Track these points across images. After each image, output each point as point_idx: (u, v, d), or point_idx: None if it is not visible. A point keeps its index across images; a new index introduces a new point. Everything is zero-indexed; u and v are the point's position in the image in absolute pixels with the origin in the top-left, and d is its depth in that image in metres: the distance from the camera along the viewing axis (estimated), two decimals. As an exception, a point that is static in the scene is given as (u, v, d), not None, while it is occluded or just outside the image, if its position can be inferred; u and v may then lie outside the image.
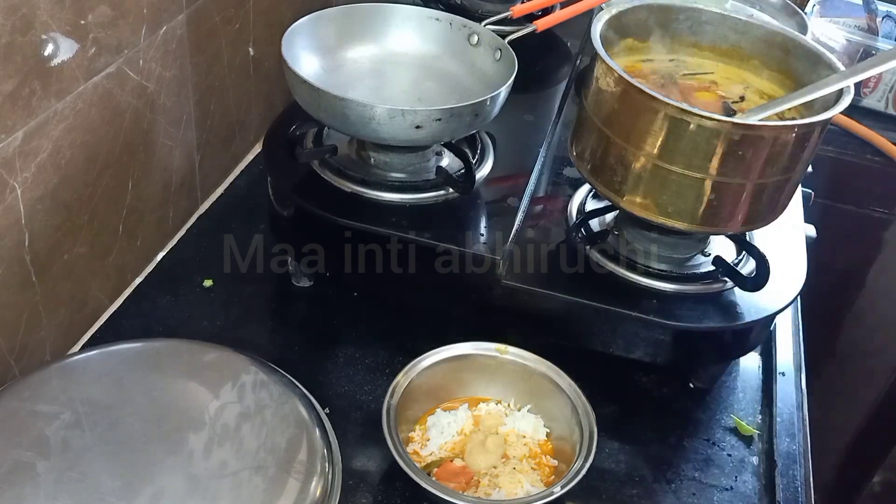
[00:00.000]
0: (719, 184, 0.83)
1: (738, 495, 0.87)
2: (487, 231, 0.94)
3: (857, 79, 0.81)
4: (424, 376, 0.86)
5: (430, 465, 0.82)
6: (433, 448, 0.84)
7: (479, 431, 0.85)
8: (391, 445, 0.78)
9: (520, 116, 1.13)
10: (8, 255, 0.80)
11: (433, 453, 0.84)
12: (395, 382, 0.83)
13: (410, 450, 0.84)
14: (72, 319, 0.93)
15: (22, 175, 0.79)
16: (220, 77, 1.11)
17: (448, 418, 0.86)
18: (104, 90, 0.87)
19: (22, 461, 0.71)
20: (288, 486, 0.73)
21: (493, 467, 0.82)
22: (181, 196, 1.09)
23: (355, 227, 0.91)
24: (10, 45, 0.73)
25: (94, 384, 0.79)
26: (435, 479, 0.79)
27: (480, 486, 0.81)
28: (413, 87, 1.05)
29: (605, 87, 0.86)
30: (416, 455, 0.84)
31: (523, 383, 0.88)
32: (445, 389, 0.88)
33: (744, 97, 0.94)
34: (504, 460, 0.83)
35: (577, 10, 1.10)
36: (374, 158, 0.98)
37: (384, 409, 0.80)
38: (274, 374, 0.83)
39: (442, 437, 0.85)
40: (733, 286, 0.92)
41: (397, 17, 1.06)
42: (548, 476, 0.83)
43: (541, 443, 0.86)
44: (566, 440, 0.84)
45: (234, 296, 1.02)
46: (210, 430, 0.76)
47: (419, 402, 0.87)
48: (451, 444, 0.84)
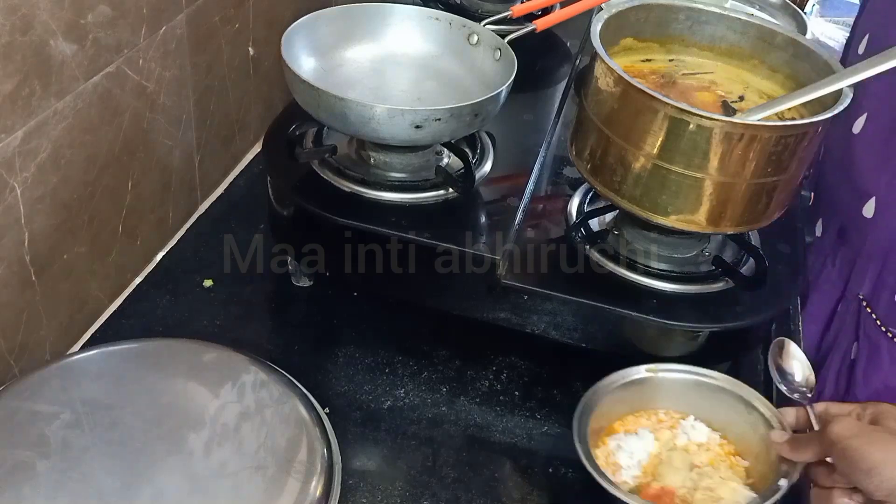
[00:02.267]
0: (719, 183, 0.83)
1: (737, 495, 0.87)
2: (487, 231, 0.94)
3: (857, 79, 0.81)
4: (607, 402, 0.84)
5: (631, 491, 0.79)
6: (631, 472, 0.81)
7: (661, 449, 0.83)
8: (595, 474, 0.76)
9: (520, 116, 1.13)
10: (8, 255, 0.80)
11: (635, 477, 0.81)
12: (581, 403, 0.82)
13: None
14: (72, 319, 0.93)
15: (22, 175, 0.79)
16: (220, 77, 1.11)
17: (633, 441, 0.83)
18: (104, 90, 0.87)
19: (22, 461, 0.71)
20: (288, 486, 0.73)
21: (692, 482, 0.80)
22: (181, 196, 1.10)
23: (355, 227, 0.91)
24: (10, 45, 0.73)
25: (94, 384, 0.79)
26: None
27: (696, 502, 0.78)
28: (413, 87, 1.05)
29: (604, 87, 0.86)
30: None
31: (681, 397, 0.87)
32: (613, 416, 0.86)
33: (743, 97, 0.94)
34: (697, 471, 0.81)
35: (577, 10, 1.10)
36: (373, 158, 0.98)
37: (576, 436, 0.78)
38: (274, 374, 0.83)
39: (633, 460, 0.82)
40: (733, 286, 0.92)
41: (397, 17, 1.06)
42: (746, 477, 0.81)
43: (721, 444, 0.84)
44: (741, 437, 0.83)
45: (234, 296, 1.02)
46: (210, 430, 0.76)
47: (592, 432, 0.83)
48: (645, 465, 0.82)
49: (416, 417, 0.90)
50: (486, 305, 0.93)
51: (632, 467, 0.82)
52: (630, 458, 0.82)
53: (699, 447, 0.84)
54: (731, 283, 0.92)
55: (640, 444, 0.83)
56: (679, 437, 0.85)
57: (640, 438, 0.84)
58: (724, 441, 0.85)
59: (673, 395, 0.87)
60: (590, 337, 0.92)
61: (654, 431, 0.85)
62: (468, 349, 0.98)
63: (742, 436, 0.84)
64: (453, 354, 0.98)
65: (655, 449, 0.83)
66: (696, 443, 0.84)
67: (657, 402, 0.87)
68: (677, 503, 0.79)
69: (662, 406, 0.87)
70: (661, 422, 0.87)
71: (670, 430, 0.86)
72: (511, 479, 0.86)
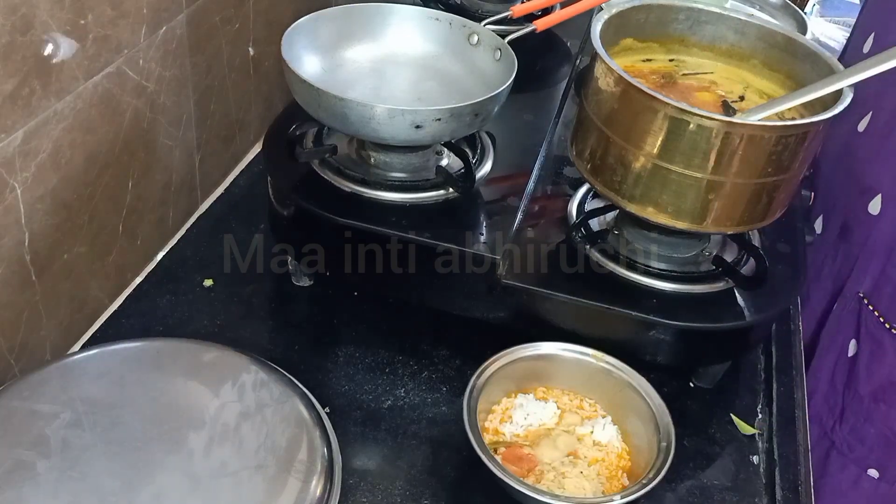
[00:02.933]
0: (719, 183, 0.83)
1: (738, 495, 0.87)
2: (487, 231, 0.94)
3: (857, 79, 0.81)
4: (518, 364, 0.86)
5: (498, 443, 0.83)
6: (514, 429, 0.84)
7: (558, 426, 0.85)
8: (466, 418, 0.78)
9: (520, 116, 1.13)
10: (8, 255, 0.80)
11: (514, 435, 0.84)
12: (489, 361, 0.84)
13: (486, 424, 0.84)
14: (72, 319, 0.93)
15: (22, 175, 0.79)
16: (220, 77, 1.11)
17: (536, 406, 0.86)
18: (104, 90, 0.87)
19: (22, 461, 0.71)
20: (288, 486, 0.73)
21: (560, 464, 0.81)
22: (181, 196, 1.10)
23: (355, 227, 0.91)
24: (9, 44, 0.73)
25: (94, 383, 0.79)
26: (497, 458, 0.79)
27: (544, 479, 0.80)
28: (413, 87, 1.05)
29: (604, 87, 0.86)
30: (487, 431, 0.84)
31: (613, 393, 0.87)
32: (540, 379, 0.89)
33: (743, 97, 0.94)
34: (573, 461, 0.82)
35: (577, 10, 1.10)
36: (373, 158, 0.98)
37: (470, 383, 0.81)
38: (274, 374, 0.83)
39: (525, 421, 0.85)
40: (733, 286, 0.92)
41: (397, 17, 1.06)
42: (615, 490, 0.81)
43: (619, 455, 0.84)
44: (642, 461, 0.83)
45: (234, 295, 1.02)
46: (210, 430, 0.76)
47: (506, 384, 0.87)
48: (531, 431, 0.85)
49: (417, 417, 0.90)
50: (486, 305, 0.93)
51: (518, 426, 0.85)
52: (523, 418, 0.85)
53: (595, 444, 0.85)
54: (731, 283, 0.92)
55: (539, 411, 0.86)
56: (585, 426, 0.86)
57: (544, 407, 0.86)
58: (625, 455, 0.85)
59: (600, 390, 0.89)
60: (589, 337, 0.92)
61: (565, 411, 0.87)
62: (468, 349, 0.98)
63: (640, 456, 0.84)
64: (453, 354, 0.98)
65: (552, 423, 0.85)
66: (596, 440, 0.85)
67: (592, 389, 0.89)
68: (532, 474, 0.81)
69: (595, 395, 0.89)
70: (580, 408, 0.88)
71: (582, 418, 0.87)
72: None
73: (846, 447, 1.14)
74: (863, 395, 1.11)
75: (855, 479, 1.14)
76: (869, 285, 1.08)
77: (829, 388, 1.14)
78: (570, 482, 0.80)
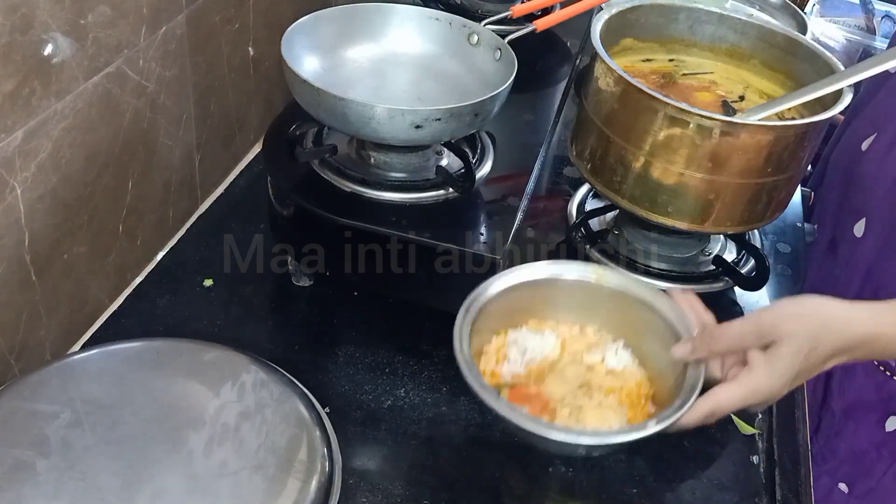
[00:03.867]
0: (719, 183, 0.83)
1: (738, 495, 0.87)
2: (487, 231, 0.94)
3: (856, 79, 0.81)
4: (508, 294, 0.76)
5: (499, 386, 0.73)
6: (513, 369, 0.75)
7: (562, 358, 0.76)
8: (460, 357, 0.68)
9: (520, 116, 1.13)
10: (8, 255, 0.80)
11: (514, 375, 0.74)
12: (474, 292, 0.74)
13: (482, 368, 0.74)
14: (72, 319, 0.93)
15: (22, 175, 0.79)
16: (220, 77, 1.11)
17: (534, 339, 0.77)
18: (104, 90, 0.87)
19: (22, 460, 0.71)
20: (288, 486, 0.73)
21: (573, 398, 0.72)
22: (181, 196, 1.10)
23: (355, 227, 0.91)
24: (9, 44, 0.73)
25: (94, 383, 0.79)
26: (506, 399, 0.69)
27: (559, 417, 0.71)
28: (413, 87, 1.05)
29: (604, 87, 0.86)
30: (483, 375, 0.74)
31: (621, 315, 0.78)
32: (531, 311, 0.79)
33: (743, 97, 0.94)
34: (587, 393, 0.73)
35: (577, 10, 1.10)
36: (373, 158, 0.98)
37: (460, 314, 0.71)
38: (274, 374, 0.83)
39: (523, 359, 0.76)
40: (733, 285, 0.92)
41: (397, 17, 1.06)
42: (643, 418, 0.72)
43: (638, 383, 0.75)
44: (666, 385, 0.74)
45: (234, 295, 1.02)
46: (210, 430, 0.76)
47: (491, 323, 0.77)
48: (532, 367, 0.75)
49: (417, 417, 0.90)
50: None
51: (516, 364, 0.76)
52: (521, 355, 0.77)
53: (608, 373, 0.76)
54: (731, 283, 0.92)
55: (538, 344, 0.77)
56: (593, 353, 0.77)
57: (542, 339, 0.78)
58: (645, 382, 0.76)
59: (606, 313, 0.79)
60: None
61: (566, 339, 0.77)
62: (468, 349, 0.98)
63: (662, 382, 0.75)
64: (453, 354, 0.97)
65: (555, 355, 0.77)
66: (609, 367, 0.77)
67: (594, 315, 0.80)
68: (545, 414, 0.72)
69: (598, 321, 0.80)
70: (584, 335, 0.79)
71: (588, 344, 0.78)
72: (511, 478, 0.86)
73: (821, 458, 1.14)
74: (835, 410, 1.12)
75: (828, 491, 1.14)
76: None
77: (812, 400, 1.15)
78: (590, 415, 0.71)
